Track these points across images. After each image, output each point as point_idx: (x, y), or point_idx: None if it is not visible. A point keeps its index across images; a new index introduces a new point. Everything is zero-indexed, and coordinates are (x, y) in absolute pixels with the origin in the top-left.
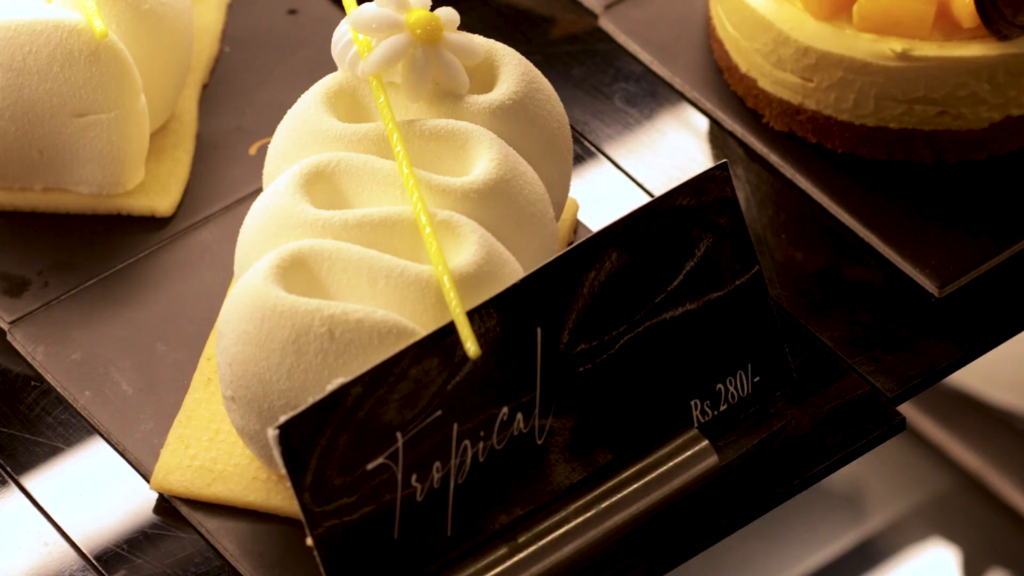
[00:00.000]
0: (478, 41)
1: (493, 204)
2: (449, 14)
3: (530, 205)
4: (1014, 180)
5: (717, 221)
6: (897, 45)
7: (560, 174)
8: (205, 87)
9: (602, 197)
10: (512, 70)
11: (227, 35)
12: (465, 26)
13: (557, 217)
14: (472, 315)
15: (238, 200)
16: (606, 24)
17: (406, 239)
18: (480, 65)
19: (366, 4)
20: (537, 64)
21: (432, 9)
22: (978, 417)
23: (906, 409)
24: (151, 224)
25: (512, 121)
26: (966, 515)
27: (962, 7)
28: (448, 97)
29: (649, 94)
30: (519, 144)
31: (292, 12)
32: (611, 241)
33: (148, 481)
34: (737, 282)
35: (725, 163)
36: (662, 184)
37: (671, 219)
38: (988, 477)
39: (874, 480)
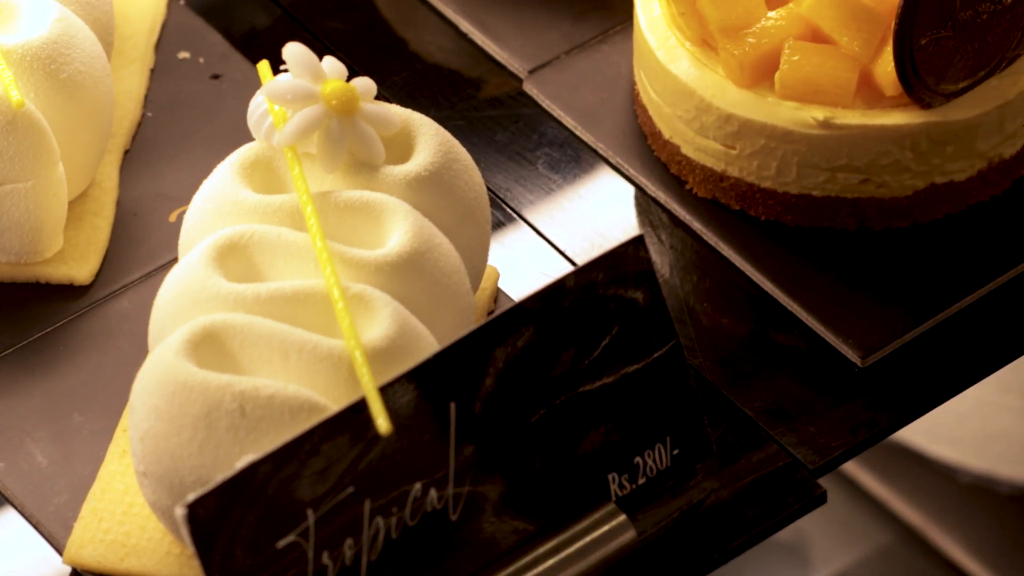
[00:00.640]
0: (395, 111)
1: (407, 277)
2: (365, 84)
3: (445, 277)
4: (939, 247)
5: (634, 294)
6: (819, 113)
7: (477, 244)
8: (127, 153)
9: (524, 265)
10: (429, 140)
11: (150, 100)
12: (389, 89)
13: (476, 287)
14: (384, 390)
15: (158, 268)
16: (530, 88)
17: (319, 313)
18: (397, 135)
19: (281, 75)
20: (460, 129)
21: (351, 77)
22: (920, 472)
23: (849, 463)
24: (69, 292)
25: (428, 192)
26: (908, 570)
27: (884, 75)
28: (364, 168)
29: (573, 160)
30: (435, 215)
31: (215, 77)
32: (526, 315)
33: (61, 554)
34: (655, 355)
35: (641, 236)
36: (584, 251)
37: (587, 292)
38: (930, 532)
39: (816, 533)
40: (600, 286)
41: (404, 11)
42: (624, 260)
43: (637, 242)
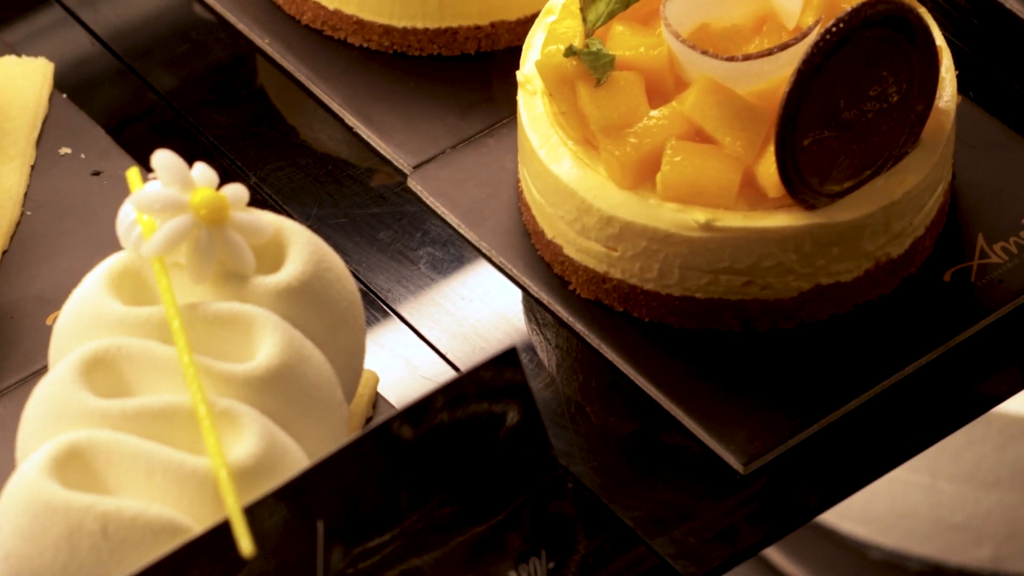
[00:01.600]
0: (266, 219)
1: (276, 391)
2: (236, 192)
3: (316, 390)
4: (826, 348)
5: (508, 408)
6: (700, 215)
7: (351, 352)
8: (4, 253)
9: (404, 368)
10: (300, 249)
11: (29, 198)
12: (271, 186)
13: (352, 394)
14: (249, 510)
15: (33, 373)
16: (414, 184)
17: (186, 430)
18: (268, 243)
19: (150, 183)
20: (342, 227)
21: (232, 174)
22: (831, 549)
23: None
24: None
25: (298, 302)
26: None
27: (767, 176)
28: (234, 278)
29: (456, 259)
30: (306, 325)
31: (96, 173)
32: (396, 431)
33: None
34: (530, 469)
35: (514, 349)
36: (466, 355)
37: (459, 406)
38: None
39: None
40: (472, 399)
41: (291, 103)
42: (497, 373)
43: (510, 355)
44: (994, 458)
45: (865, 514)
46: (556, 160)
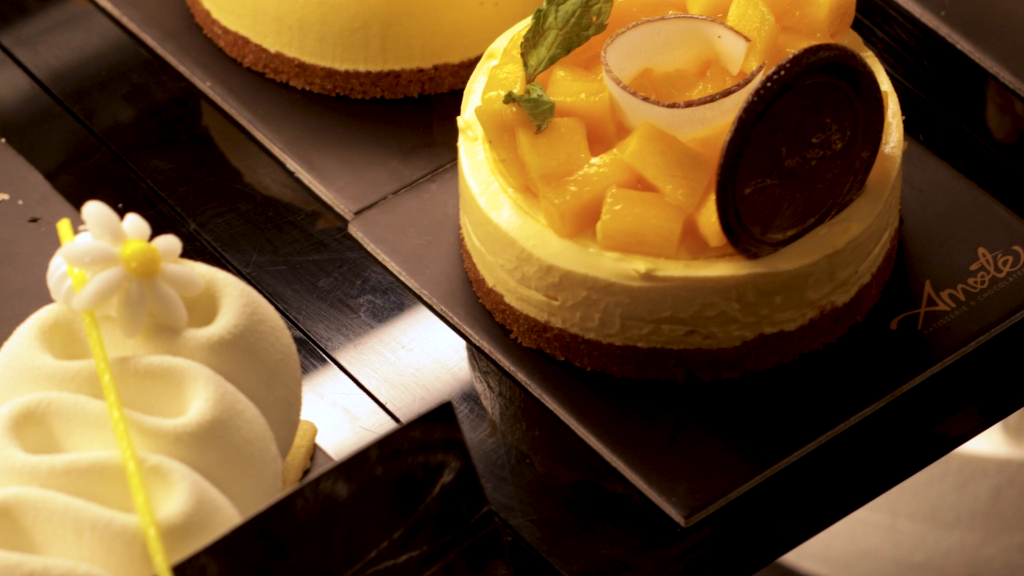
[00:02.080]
0: (198, 271)
1: (207, 447)
2: (168, 244)
3: (248, 445)
4: (769, 398)
5: (443, 462)
6: (641, 265)
7: (287, 405)
8: None
9: (343, 420)
10: (233, 301)
11: None
12: (211, 232)
13: (287, 447)
14: (178, 569)
15: None
16: (355, 231)
17: (115, 486)
18: (201, 295)
19: (81, 235)
20: (282, 275)
21: (171, 221)
22: None
23: None
24: None
25: (231, 356)
26: None
27: (709, 225)
28: (165, 331)
29: (397, 306)
30: (240, 379)
31: (33, 220)
32: (330, 485)
33: None
34: (466, 523)
35: (449, 403)
36: (406, 405)
37: (393, 461)
38: None
39: None
40: (407, 454)
41: (233, 147)
42: (432, 428)
43: (445, 409)
44: (954, 498)
45: (825, 554)
46: (496, 208)
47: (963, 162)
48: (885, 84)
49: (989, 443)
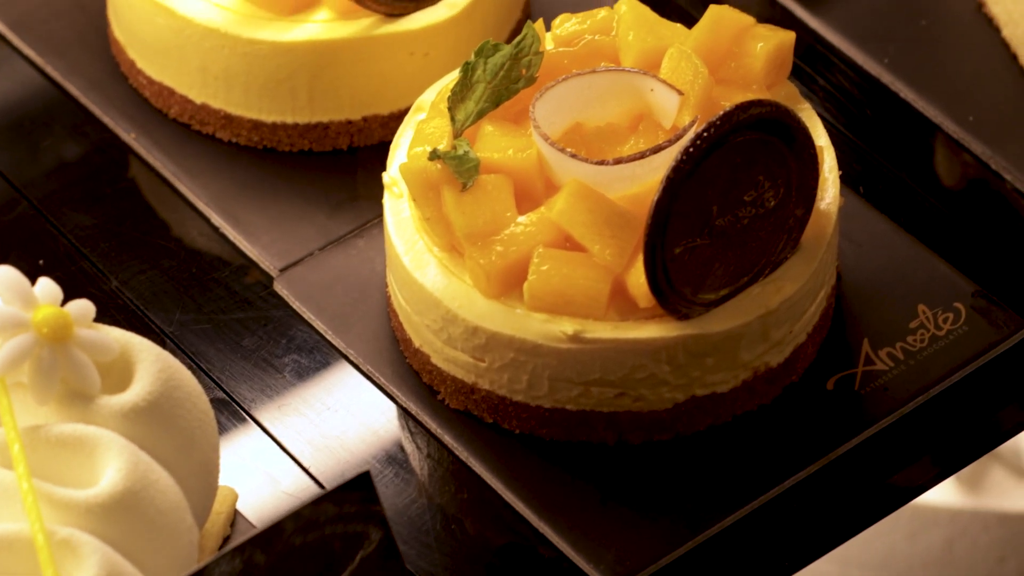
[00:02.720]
0: (113, 336)
1: (120, 518)
2: (81, 308)
3: (162, 516)
4: (702, 461)
5: (362, 533)
6: (569, 327)
7: (204, 473)
8: None
9: (266, 485)
10: (148, 367)
11: None
12: (133, 290)
13: (205, 515)
14: None
15: None
16: (281, 288)
17: (24, 560)
18: (115, 361)
19: None
20: (206, 334)
21: (93, 278)
22: None
23: None
24: None
25: (146, 423)
26: None
27: (638, 286)
28: (79, 398)
29: (322, 366)
30: (154, 447)
31: None
32: (247, 556)
33: None
34: None
35: (367, 473)
36: (330, 468)
37: (311, 532)
38: None
39: None
40: (326, 524)
41: (157, 201)
42: (350, 499)
43: (363, 479)
44: (906, 548)
45: None
46: (421, 267)
47: (904, 216)
48: (822, 138)
49: (941, 493)
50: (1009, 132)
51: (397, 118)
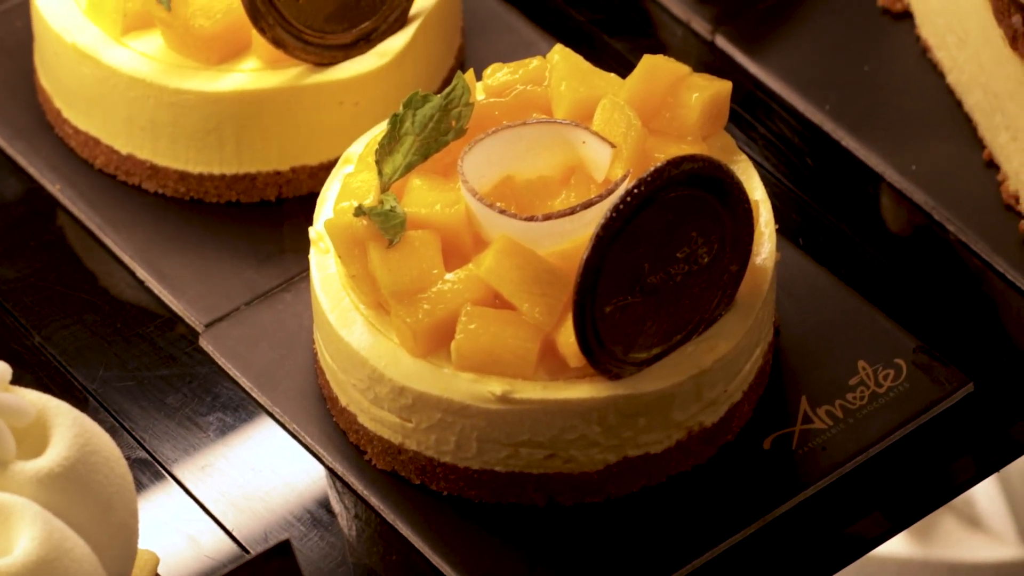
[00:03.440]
0: (29, 399)
1: None
2: None
3: None
4: (634, 523)
5: None
6: (497, 387)
7: (122, 539)
8: None
9: (188, 548)
10: (65, 432)
11: None
12: (56, 347)
13: None
14: None
15: None
16: (206, 344)
17: None
18: (31, 426)
19: None
20: (129, 391)
21: (15, 331)
22: None
23: None
24: None
25: (62, 489)
26: None
27: (567, 345)
28: None
29: (247, 424)
30: (70, 514)
31: None
32: None
33: None
34: None
35: (287, 541)
36: (255, 532)
37: None
38: None
39: None
40: None
41: (83, 253)
42: (270, 566)
43: (283, 547)
44: None
45: None
46: (347, 325)
47: (844, 268)
48: (758, 192)
49: (890, 543)
50: (953, 181)
51: (326, 168)
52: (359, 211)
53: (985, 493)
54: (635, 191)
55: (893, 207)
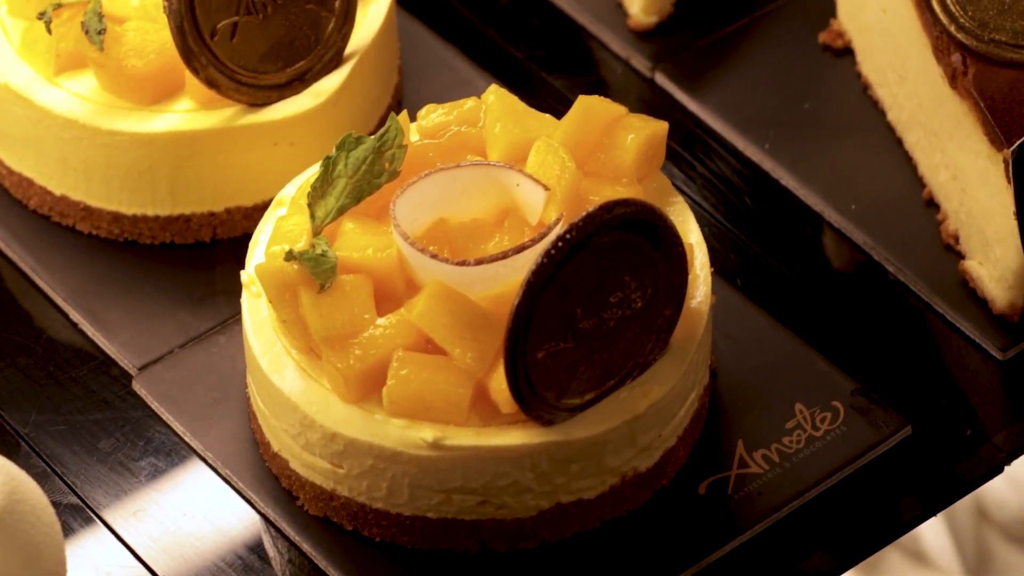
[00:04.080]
0: None
1: None
2: None
3: None
4: (568, 569)
5: None
6: (429, 433)
7: None
8: None
9: None
10: None
11: None
12: None
13: None
14: None
15: None
16: (139, 387)
17: None
18: None
19: None
20: (61, 435)
21: None
22: None
23: None
24: None
25: None
26: None
27: (499, 392)
28: None
29: (181, 467)
30: None
31: None
32: None
33: None
34: None
35: None
36: None
37: None
38: None
39: None
40: None
41: (15, 295)
42: None
43: None
44: None
45: None
46: (278, 370)
47: (783, 309)
48: (693, 235)
49: None
50: (893, 221)
51: (261, 209)
52: (290, 256)
53: (931, 528)
54: (566, 236)
55: (833, 247)
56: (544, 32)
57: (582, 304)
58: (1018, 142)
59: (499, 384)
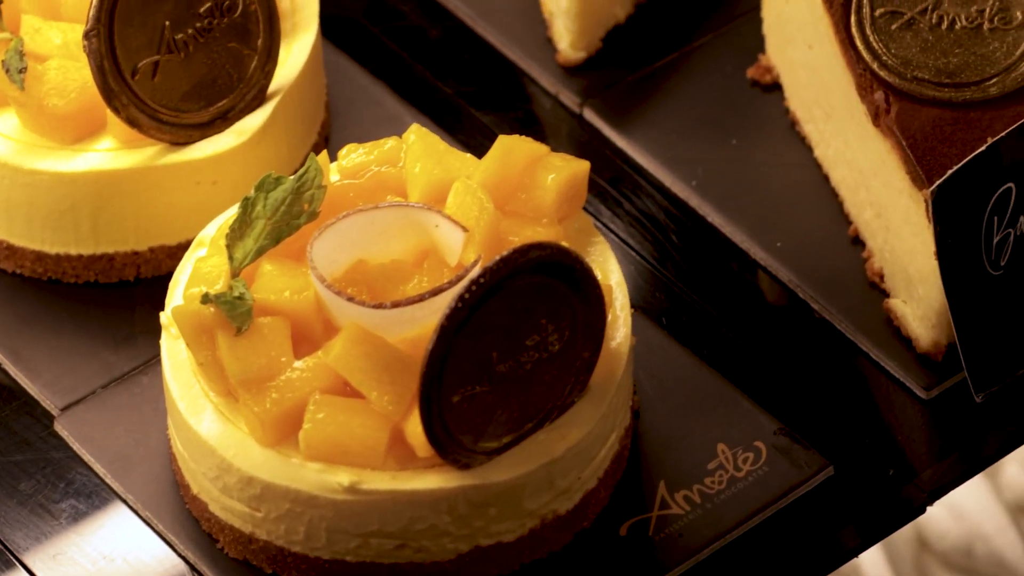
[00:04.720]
0: None
1: None
2: None
3: None
4: None
5: None
6: (345, 477)
7: None
8: None
9: None
10: None
11: None
12: None
13: None
14: None
15: None
16: (61, 428)
17: None
18: None
19: None
20: None
21: None
22: None
23: None
24: None
25: None
26: None
27: (416, 435)
28: None
29: (102, 510)
30: None
31: None
32: None
33: None
34: None
35: None
36: None
37: None
38: None
39: None
40: None
41: None
42: None
43: None
44: None
45: None
46: (196, 413)
47: (707, 348)
48: (614, 275)
49: None
50: (818, 258)
51: (185, 248)
52: (206, 298)
53: (870, 558)
54: (480, 280)
55: (757, 285)
56: (474, 67)
57: (498, 347)
58: (939, 181)
59: (415, 428)
